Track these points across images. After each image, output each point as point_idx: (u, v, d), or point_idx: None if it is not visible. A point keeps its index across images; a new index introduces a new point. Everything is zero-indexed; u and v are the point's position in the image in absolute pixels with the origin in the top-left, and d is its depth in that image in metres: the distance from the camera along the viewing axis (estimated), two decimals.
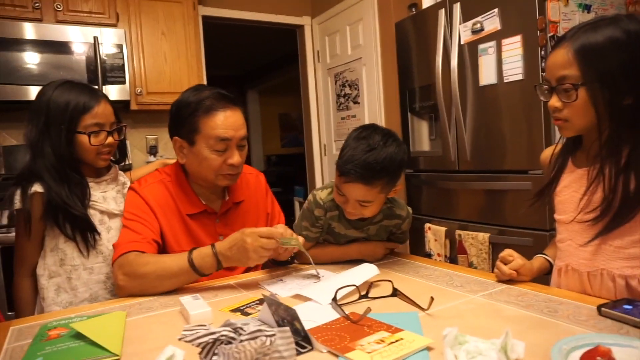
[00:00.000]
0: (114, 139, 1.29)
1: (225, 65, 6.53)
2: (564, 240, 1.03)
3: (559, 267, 1.04)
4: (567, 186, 1.02)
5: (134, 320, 0.94)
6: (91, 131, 1.23)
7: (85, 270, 1.25)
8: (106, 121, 1.26)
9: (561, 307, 0.86)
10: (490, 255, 2.17)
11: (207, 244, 1.24)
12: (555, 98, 0.95)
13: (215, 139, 1.18)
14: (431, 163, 2.60)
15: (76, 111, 1.21)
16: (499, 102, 2.14)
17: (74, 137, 1.22)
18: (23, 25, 2.46)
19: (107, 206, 1.30)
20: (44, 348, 0.78)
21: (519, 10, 2.01)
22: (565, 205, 1.02)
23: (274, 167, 7.13)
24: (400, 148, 1.15)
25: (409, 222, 1.36)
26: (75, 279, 1.24)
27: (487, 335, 0.73)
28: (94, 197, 1.28)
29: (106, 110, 1.27)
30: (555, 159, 1.07)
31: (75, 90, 1.24)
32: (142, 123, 3.17)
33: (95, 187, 1.31)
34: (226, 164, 1.21)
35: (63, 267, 1.24)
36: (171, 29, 2.93)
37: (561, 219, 1.03)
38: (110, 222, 1.31)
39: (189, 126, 1.20)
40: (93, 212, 1.27)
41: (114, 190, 1.36)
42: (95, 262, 1.26)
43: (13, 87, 2.42)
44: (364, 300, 0.97)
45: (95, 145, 1.24)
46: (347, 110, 3.41)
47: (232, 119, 1.20)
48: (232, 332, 0.67)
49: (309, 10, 3.77)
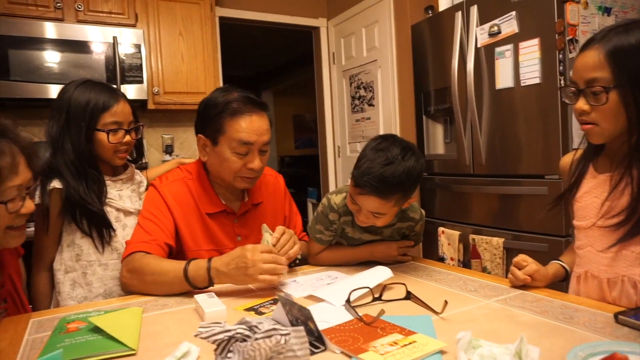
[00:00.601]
0: (132, 138, 1.32)
1: (241, 66, 6.58)
2: (583, 246, 1.01)
3: (578, 274, 1.03)
4: (587, 192, 1.01)
5: (150, 316, 0.95)
6: (110, 129, 1.25)
7: (101, 266, 1.27)
8: (124, 120, 1.29)
9: (577, 313, 0.86)
10: (504, 260, 2.15)
11: (225, 243, 1.26)
12: (582, 101, 0.92)
13: (238, 142, 1.19)
14: (446, 166, 2.59)
15: (96, 109, 1.24)
16: (516, 105, 2.12)
17: (93, 134, 1.25)
18: (44, 24, 2.51)
19: (123, 204, 1.33)
20: (63, 340, 0.80)
21: (537, 13, 2.00)
22: (586, 211, 1.00)
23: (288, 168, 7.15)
24: (418, 162, 1.12)
25: (422, 224, 1.36)
26: (91, 274, 1.27)
27: (501, 340, 0.72)
28: (110, 194, 1.31)
29: (125, 109, 1.29)
30: (576, 165, 1.05)
31: (96, 89, 1.27)
32: (158, 122, 3.21)
33: (112, 185, 1.33)
34: (246, 167, 1.22)
35: (79, 263, 1.26)
36: (188, 29, 2.96)
37: (581, 225, 1.02)
38: (126, 219, 1.33)
39: (214, 126, 1.21)
40: (109, 210, 1.30)
41: (130, 189, 1.38)
42: (110, 258, 1.29)
43: (34, 85, 2.47)
44: (377, 303, 0.97)
45: (114, 143, 1.26)
46: (362, 113, 3.41)
47: (257, 124, 1.20)
48: (247, 330, 0.67)
49: (324, 12, 3.78)
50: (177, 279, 1.07)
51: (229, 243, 1.29)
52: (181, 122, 3.27)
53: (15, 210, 0.91)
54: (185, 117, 3.26)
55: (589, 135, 0.96)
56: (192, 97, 2.93)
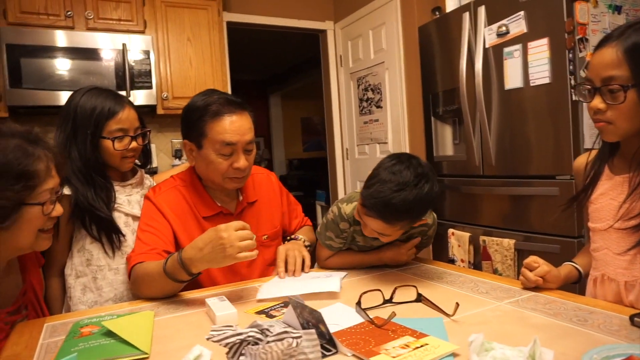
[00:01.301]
0: (138, 144, 1.33)
1: (249, 70, 6.62)
2: (599, 249, 1.00)
3: (594, 276, 1.01)
4: (603, 194, 0.99)
5: (161, 319, 0.96)
6: (115, 136, 1.26)
7: (111, 270, 1.29)
8: (130, 126, 1.30)
9: (591, 316, 0.85)
10: (515, 262, 2.13)
11: None
12: (598, 99, 0.90)
13: (221, 144, 1.20)
14: (455, 168, 2.58)
15: (101, 117, 1.25)
16: (525, 106, 2.10)
17: (99, 142, 1.26)
18: (55, 33, 2.55)
19: (131, 209, 1.34)
20: (77, 344, 0.81)
21: (545, 13, 1.98)
22: (601, 213, 0.99)
23: (296, 171, 7.17)
24: (432, 190, 1.07)
25: (434, 229, 1.35)
26: (101, 279, 1.28)
27: (514, 342, 0.72)
28: (119, 200, 1.32)
29: (130, 115, 1.30)
30: (591, 166, 1.03)
31: (102, 96, 1.28)
32: (167, 127, 3.24)
33: (121, 191, 1.34)
34: (232, 167, 1.22)
35: (89, 267, 1.28)
36: (196, 34, 2.99)
37: (596, 227, 1.00)
38: (135, 224, 1.33)
39: (197, 130, 1.22)
40: (118, 215, 1.31)
41: (139, 194, 1.39)
42: (121, 263, 1.30)
43: (46, 92, 2.51)
44: (388, 305, 0.97)
45: (119, 150, 1.27)
46: (370, 115, 3.41)
47: (238, 124, 1.21)
48: (259, 333, 0.68)
49: (331, 15, 3.80)
50: (161, 277, 1.06)
51: None
52: None
53: (48, 213, 0.97)
54: None
55: (603, 134, 0.94)
56: None
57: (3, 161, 0.88)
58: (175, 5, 2.92)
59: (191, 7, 2.97)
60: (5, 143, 0.90)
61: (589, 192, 1.01)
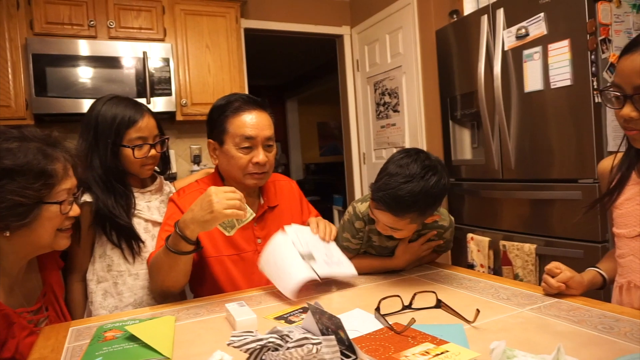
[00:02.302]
0: (157, 152, 1.35)
1: (266, 76, 6.67)
2: (624, 255, 0.97)
3: (620, 284, 0.99)
4: (629, 199, 0.96)
5: (182, 324, 0.97)
6: (135, 145, 1.29)
7: (131, 276, 1.31)
8: (149, 134, 1.32)
9: (617, 323, 0.83)
10: (537, 267, 2.09)
11: (245, 248, 1.30)
12: (630, 107, 0.86)
13: (241, 137, 1.25)
14: (474, 172, 2.55)
15: (122, 125, 1.28)
16: (546, 108, 2.07)
17: (119, 150, 1.29)
18: (78, 42, 2.62)
19: (151, 215, 1.37)
20: (102, 348, 0.83)
21: (566, 14, 1.95)
22: (627, 219, 0.96)
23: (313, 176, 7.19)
24: (440, 182, 1.08)
25: (451, 231, 1.34)
26: (121, 284, 1.30)
27: (537, 350, 0.71)
28: (138, 206, 1.35)
29: (149, 124, 1.33)
30: (617, 169, 1.01)
31: (122, 105, 1.31)
32: (186, 133, 3.28)
33: (140, 197, 1.37)
34: (252, 162, 1.26)
35: (110, 273, 1.30)
36: (215, 41, 3.03)
37: (622, 233, 0.98)
38: (154, 230, 1.36)
39: (218, 127, 1.28)
40: (138, 221, 1.33)
41: (158, 201, 1.42)
42: (141, 268, 1.32)
43: (69, 100, 2.58)
44: (407, 311, 0.96)
45: (139, 158, 1.30)
46: (387, 119, 3.40)
47: (258, 119, 1.27)
48: (279, 339, 0.68)
49: (348, 20, 3.80)
50: (165, 254, 1.09)
51: (249, 247, 1.32)
52: None
53: (66, 212, 1.02)
54: None
55: (635, 142, 0.91)
56: None
57: (24, 161, 0.94)
58: (194, 13, 2.97)
59: (210, 15, 3.01)
60: (27, 145, 0.96)
61: (614, 196, 0.99)
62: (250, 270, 1.30)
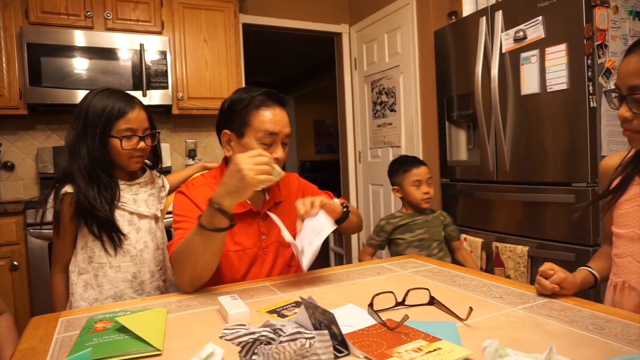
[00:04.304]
0: (146, 144, 1.34)
1: (263, 72, 6.66)
2: (622, 255, 0.98)
3: (615, 283, 0.99)
4: (630, 199, 0.97)
5: (174, 317, 0.97)
6: (123, 135, 1.29)
7: (112, 268, 1.31)
8: (139, 127, 1.32)
9: (608, 324, 0.83)
10: (529, 269, 2.11)
11: (250, 243, 1.29)
12: (625, 108, 0.89)
13: (264, 132, 1.24)
14: (469, 173, 2.56)
15: (111, 116, 1.28)
16: (541, 111, 2.08)
17: (107, 140, 1.28)
18: (75, 32, 2.60)
19: (137, 208, 1.36)
20: (91, 339, 0.82)
21: (564, 18, 1.96)
22: (627, 219, 0.97)
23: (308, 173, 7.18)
24: None
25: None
26: (102, 276, 1.30)
27: (529, 349, 0.71)
28: (124, 198, 1.34)
29: (139, 116, 1.32)
30: (622, 168, 1.02)
31: (113, 96, 1.31)
32: (182, 127, 3.27)
33: (127, 190, 1.36)
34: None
35: (91, 265, 1.30)
36: (213, 36, 3.01)
37: (621, 233, 0.99)
38: (141, 223, 1.36)
39: (240, 119, 1.27)
40: (122, 213, 1.33)
41: (147, 193, 1.41)
42: (122, 261, 1.32)
43: (64, 90, 2.55)
44: (400, 308, 0.96)
45: (127, 149, 1.30)
46: (383, 118, 3.41)
47: (280, 116, 1.28)
48: (272, 332, 0.68)
49: (347, 18, 3.80)
50: (199, 235, 1.07)
51: (254, 242, 1.31)
52: (204, 127, 3.33)
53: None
54: (209, 122, 3.31)
55: (631, 142, 0.93)
56: (216, 103, 2.98)
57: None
58: (192, 7, 2.95)
59: (208, 9, 3.00)
60: None
61: (618, 195, 0.99)
62: (254, 266, 1.30)
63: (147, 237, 1.37)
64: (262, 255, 1.32)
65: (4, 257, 2.29)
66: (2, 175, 2.82)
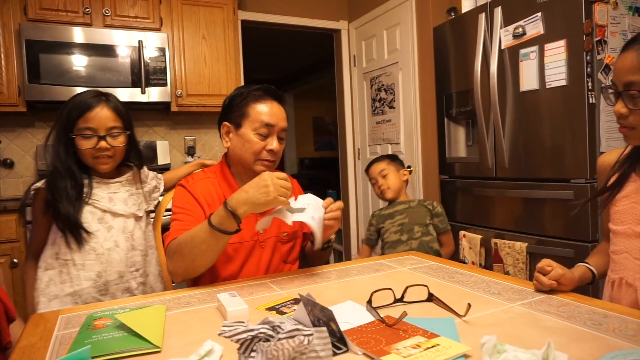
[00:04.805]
0: (109, 145, 1.31)
1: (262, 69, 6.64)
2: (619, 252, 0.98)
3: (613, 279, 1.00)
4: (626, 196, 0.97)
5: (173, 314, 0.97)
6: (82, 134, 1.29)
7: (75, 266, 1.30)
8: (99, 126, 1.30)
9: (606, 320, 0.83)
10: (527, 265, 2.11)
11: (248, 237, 1.31)
12: (620, 104, 0.90)
13: (260, 123, 1.29)
14: (467, 169, 2.56)
15: (73, 114, 1.29)
16: (541, 108, 2.08)
17: (70, 140, 1.30)
18: (73, 29, 2.59)
19: (112, 206, 1.35)
20: (91, 337, 0.82)
21: (563, 14, 1.96)
22: (623, 216, 0.97)
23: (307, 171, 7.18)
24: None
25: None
26: (65, 273, 1.30)
27: (527, 345, 0.71)
28: (96, 195, 1.33)
29: (102, 114, 1.30)
30: (619, 165, 1.02)
31: (83, 95, 1.32)
32: (181, 124, 3.27)
33: (104, 187, 1.36)
34: (266, 149, 1.30)
35: (57, 261, 1.31)
36: (211, 33, 3.01)
37: (618, 230, 0.99)
38: (113, 221, 1.35)
39: (238, 111, 1.32)
40: (92, 210, 1.32)
41: (127, 192, 1.40)
42: (87, 258, 1.31)
43: (63, 87, 2.55)
44: (399, 304, 0.96)
45: (86, 149, 1.29)
46: (382, 115, 3.40)
47: (277, 110, 1.33)
48: (270, 330, 0.68)
49: (346, 14, 3.79)
50: (206, 233, 1.11)
51: (252, 235, 1.33)
52: (203, 124, 3.32)
53: None
54: (207, 119, 3.30)
55: (626, 138, 0.94)
56: (214, 100, 2.97)
57: None
58: (191, 4, 2.94)
59: (207, 5, 2.99)
60: None
61: (616, 192, 1.00)
62: (251, 258, 1.32)
63: (119, 237, 1.35)
64: (259, 248, 1.33)
65: (3, 254, 2.29)
66: (1, 172, 2.81)
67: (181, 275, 1.20)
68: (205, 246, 1.12)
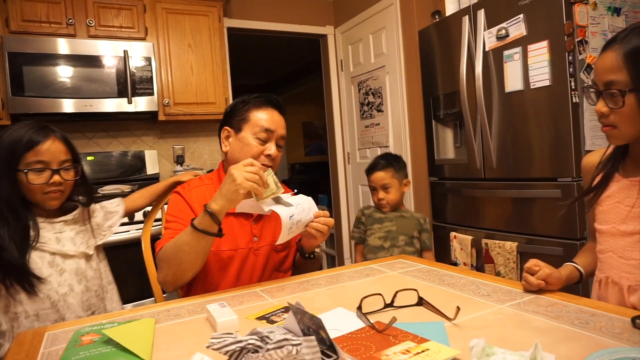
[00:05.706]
0: (63, 179, 1.23)
1: (250, 75, 6.64)
2: (604, 251, 1.00)
3: (599, 278, 1.01)
4: (610, 196, 0.99)
5: (162, 327, 0.96)
6: (32, 169, 1.18)
7: (28, 318, 1.17)
8: (52, 159, 1.21)
9: (593, 318, 0.84)
10: (518, 264, 2.12)
11: (243, 245, 1.32)
12: (601, 103, 0.91)
13: (260, 128, 1.32)
14: (456, 171, 2.58)
15: (18, 148, 1.17)
16: (526, 108, 2.10)
17: (15, 175, 1.18)
18: (57, 40, 2.57)
19: (60, 247, 1.24)
20: (78, 353, 0.81)
21: (545, 16, 1.99)
22: (607, 215, 0.98)
23: (298, 175, 7.18)
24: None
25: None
26: (17, 327, 1.16)
27: (516, 347, 0.71)
28: (43, 238, 1.22)
29: (54, 147, 1.22)
30: (603, 165, 1.03)
31: (25, 128, 1.20)
32: (169, 133, 3.25)
33: (49, 228, 1.25)
34: (264, 154, 1.32)
35: (7, 315, 1.17)
36: (197, 41, 3.00)
37: (602, 229, 1.00)
38: (65, 263, 1.24)
39: (239, 116, 1.36)
40: (41, 254, 1.21)
41: (74, 231, 1.30)
42: (41, 308, 1.18)
43: (48, 100, 2.52)
44: (389, 309, 0.96)
45: (36, 184, 1.19)
46: (371, 119, 3.42)
47: (277, 118, 1.37)
48: (259, 340, 0.68)
49: (332, 19, 3.81)
50: (189, 235, 1.12)
51: (246, 244, 1.33)
52: (191, 133, 3.31)
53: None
54: (196, 127, 3.29)
55: (609, 138, 0.95)
56: (202, 108, 2.96)
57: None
58: (176, 12, 2.93)
59: (192, 14, 2.98)
60: None
61: (600, 192, 1.01)
62: (245, 266, 1.33)
63: (72, 280, 1.24)
64: (253, 256, 1.33)
65: None
66: None
67: (171, 284, 1.20)
68: (188, 248, 1.13)
